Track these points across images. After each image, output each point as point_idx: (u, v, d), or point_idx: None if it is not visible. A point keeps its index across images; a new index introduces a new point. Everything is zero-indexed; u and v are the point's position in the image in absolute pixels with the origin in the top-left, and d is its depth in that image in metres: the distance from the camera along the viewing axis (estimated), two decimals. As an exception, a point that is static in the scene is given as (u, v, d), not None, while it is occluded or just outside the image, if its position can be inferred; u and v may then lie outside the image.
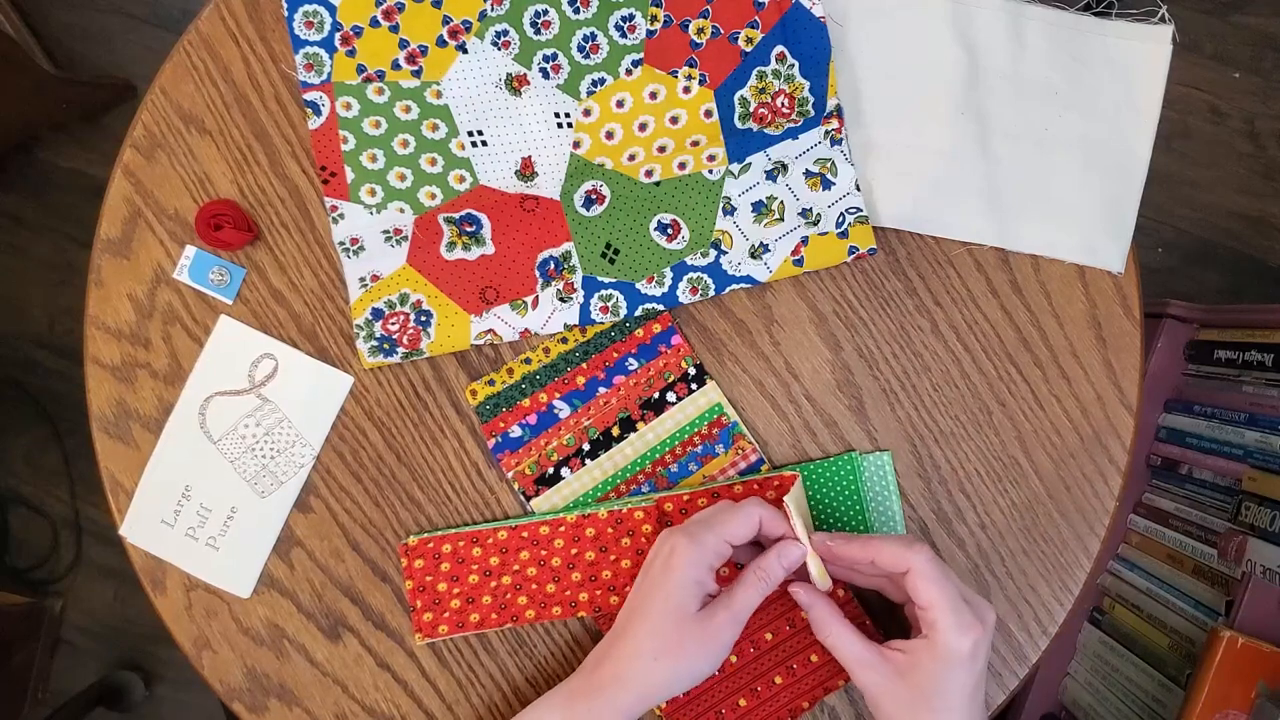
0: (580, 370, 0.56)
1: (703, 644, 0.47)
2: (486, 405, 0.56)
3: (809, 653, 0.55)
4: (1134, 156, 0.58)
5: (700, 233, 0.56)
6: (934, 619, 0.47)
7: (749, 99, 0.55)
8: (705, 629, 0.47)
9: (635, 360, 0.57)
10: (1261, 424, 0.84)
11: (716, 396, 0.57)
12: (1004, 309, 0.58)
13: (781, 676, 0.55)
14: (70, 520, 1.35)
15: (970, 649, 0.46)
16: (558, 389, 0.56)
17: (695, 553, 0.47)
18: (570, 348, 0.57)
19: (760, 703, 0.55)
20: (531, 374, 0.56)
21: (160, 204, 0.57)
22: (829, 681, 0.55)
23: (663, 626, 0.47)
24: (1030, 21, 0.57)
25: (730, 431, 0.56)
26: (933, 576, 0.47)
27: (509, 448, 0.56)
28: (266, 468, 0.56)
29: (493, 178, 0.56)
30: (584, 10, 0.54)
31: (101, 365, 0.56)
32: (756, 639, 0.55)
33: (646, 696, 0.47)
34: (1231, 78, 1.34)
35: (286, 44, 0.56)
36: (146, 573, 0.57)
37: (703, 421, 0.57)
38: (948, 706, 0.47)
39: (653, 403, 0.57)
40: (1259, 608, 0.75)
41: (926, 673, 0.47)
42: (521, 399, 0.56)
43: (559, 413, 0.56)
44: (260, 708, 0.56)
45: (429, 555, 0.55)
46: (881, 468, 0.57)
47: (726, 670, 0.55)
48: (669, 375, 0.57)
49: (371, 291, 0.55)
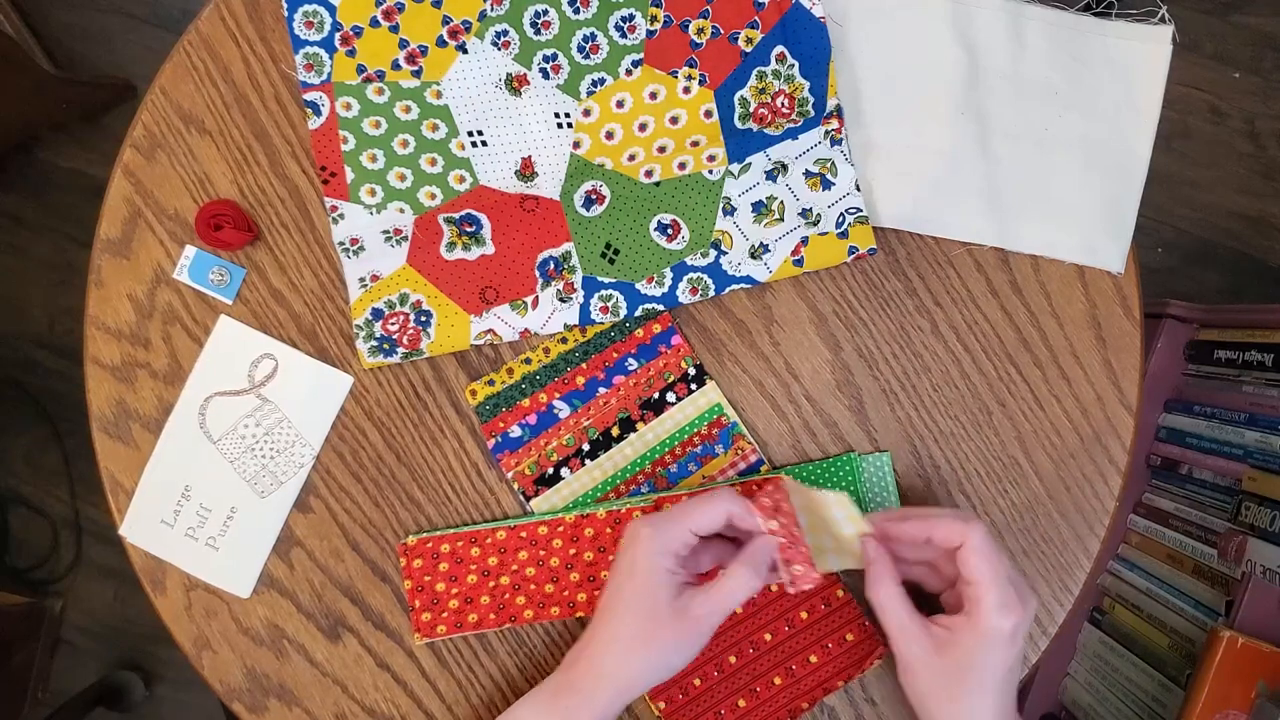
0: (580, 370, 0.56)
1: (678, 634, 0.46)
2: (486, 405, 0.56)
3: (808, 654, 0.55)
4: (1134, 156, 0.58)
5: (700, 233, 0.56)
6: (980, 595, 0.47)
7: (749, 99, 0.55)
8: (681, 619, 0.46)
9: (635, 360, 0.57)
10: (1261, 424, 0.84)
11: (716, 397, 0.57)
12: (1004, 309, 0.58)
13: (780, 677, 0.55)
14: (70, 520, 1.35)
15: (1011, 630, 0.47)
16: (557, 389, 0.56)
17: (659, 542, 0.47)
18: (570, 348, 0.57)
19: (759, 703, 0.55)
20: (531, 374, 0.56)
21: (160, 204, 0.57)
22: (828, 682, 0.55)
23: (635, 618, 0.46)
24: (1030, 21, 0.57)
25: (730, 432, 0.56)
26: (986, 552, 0.47)
27: (509, 448, 0.56)
28: (266, 468, 0.56)
29: (493, 178, 0.56)
30: (584, 10, 0.54)
31: (101, 365, 0.56)
32: (756, 640, 0.55)
33: (625, 690, 0.47)
34: (1231, 78, 1.34)
35: (286, 44, 0.56)
36: (146, 573, 0.57)
37: (702, 422, 0.56)
38: (982, 685, 0.47)
39: (652, 403, 0.57)
40: (1259, 608, 0.75)
41: (965, 649, 0.47)
42: (521, 399, 0.56)
43: (559, 413, 0.56)
44: (260, 708, 0.56)
45: (427, 555, 0.55)
46: (881, 469, 0.57)
47: (725, 671, 0.55)
48: (669, 375, 0.57)
49: (371, 291, 0.55)
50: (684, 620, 0.46)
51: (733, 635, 0.55)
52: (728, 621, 0.55)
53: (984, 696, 0.47)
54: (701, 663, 0.55)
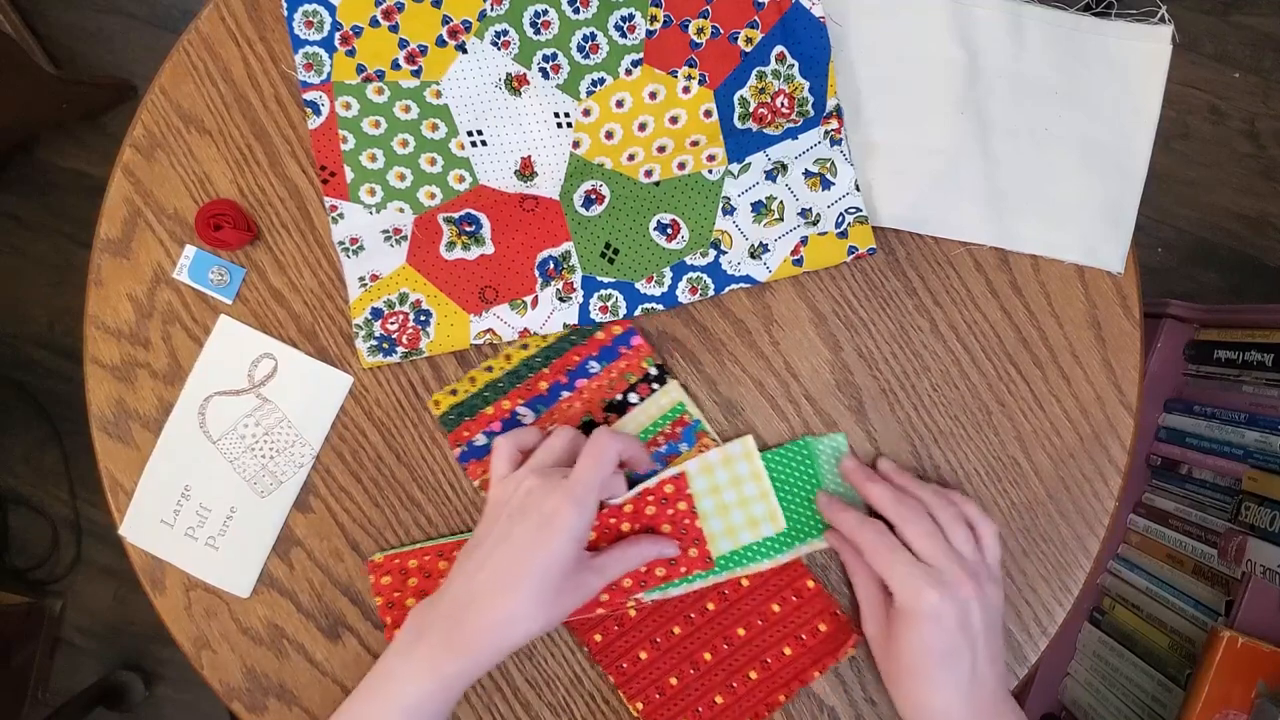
0: (542, 375, 0.56)
1: (572, 598, 0.48)
2: (450, 415, 0.56)
3: (782, 646, 0.55)
4: (1134, 156, 0.58)
5: (700, 233, 0.56)
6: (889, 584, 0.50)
7: (749, 99, 0.55)
8: (578, 586, 0.48)
9: (596, 363, 0.56)
10: (1261, 424, 0.84)
11: (678, 395, 0.57)
12: (1004, 309, 0.58)
13: (756, 671, 0.55)
14: (70, 520, 1.35)
15: (929, 610, 0.48)
16: (520, 395, 0.56)
17: (581, 529, 0.47)
18: (531, 353, 0.56)
19: (737, 699, 0.55)
20: (494, 381, 0.56)
21: (160, 204, 0.57)
22: (804, 673, 0.55)
23: (544, 588, 0.46)
24: (1030, 21, 0.57)
25: (693, 430, 0.56)
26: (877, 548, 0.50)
27: (475, 456, 0.56)
28: (266, 467, 0.56)
29: (492, 177, 0.56)
30: (584, 10, 0.54)
31: (101, 365, 0.57)
32: (729, 635, 0.55)
33: (514, 649, 0.47)
34: (1231, 78, 1.34)
35: (286, 44, 0.56)
36: (146, 573, 0.57)
37: (665, 421, 0.56)
38: (911, 667, 0.49)
39: (615, 404, 0.56)
40: (1259, 608, 0.75)
41: (896, 630, 0.50)
42: (485, 407, 0.56)
43: (523, 419, 0.56)
44: (260, 707, 0.56)
45: (395, 572, 0.55)
46: (837, 449, 0.57)
47: (701, 668, 0.55)
48: (630, 377, 0.56)
49: (371, 291, 0.55)
50: (579, 589, 0.48)
51: (706, 632, 0.55)
52: (701, 619, 0.55)
53: (922, 676, 0.49)
54: (677, 661, 0.55)
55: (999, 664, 0.51)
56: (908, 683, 0.50)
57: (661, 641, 0.55)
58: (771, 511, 0.54)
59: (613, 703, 0.56)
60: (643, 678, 0.55)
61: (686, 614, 0.56)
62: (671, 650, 0.55)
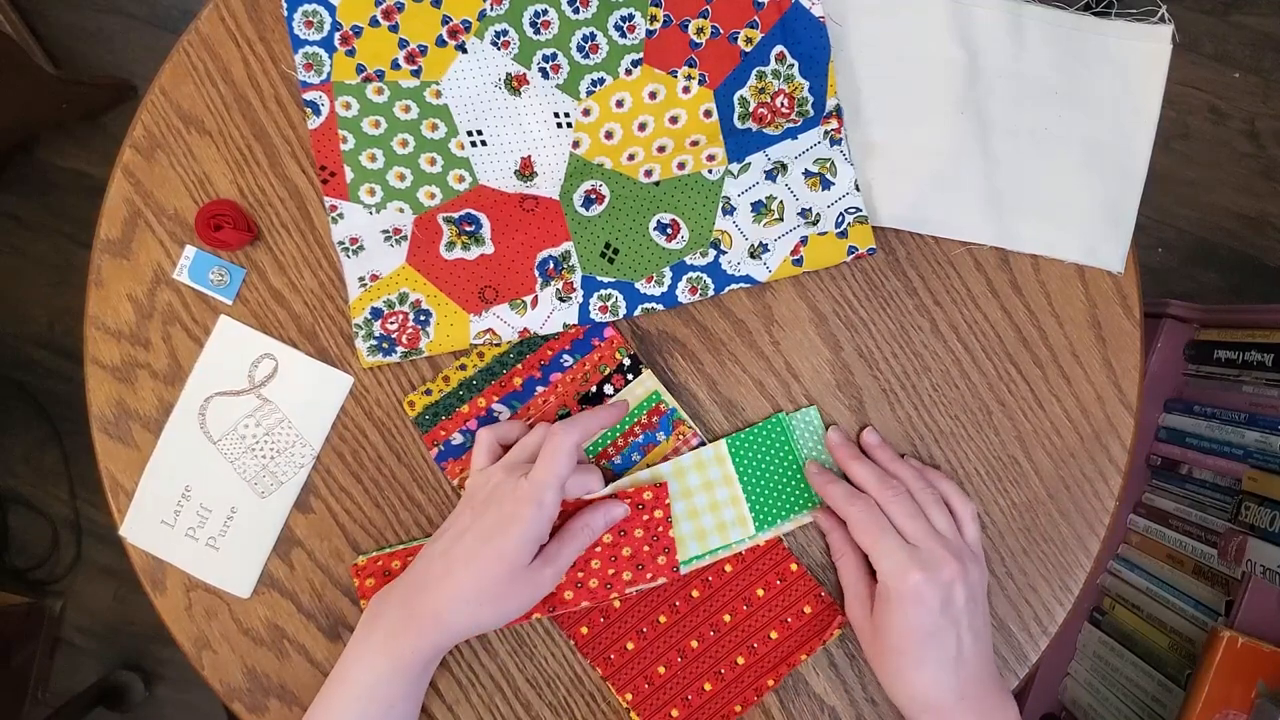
0: (516, 371, 0.56)
1: (527, 591, 0.49)
2: (425, 415, 0.56)
3: (768, 630, 0.55)
4: (1134, 156, 0.58)
5: (700, 232, 0.56)
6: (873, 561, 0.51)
7: (748, 99, 0.55)
8: (532, 579, 0.49)
9: (570, 356, 0.56)
10: (1261, 424, 0.84)
11: (653, 384, 0.57)
12: (1004, 309, 0.58)
13: (744, 656, 0.55)
14: (70, 520, 1.35)
15: (911, 590, 0.49)
16: (495, 392, 0.56)
17: (542, 526, 0.48)
18: (505, 350, 0.56)
19: (725, 684, 0.55)
20: (468, 379, 0.56)
21: (160, 204, 0.57)
22: (791, 656, 0.55)
23: (495, 580, 0.48)
24: (1030, 21, 0.57)
25: (670, 418, 0.56)
26: (865, 525, 0.51)
27: (452, 455, 0.56)
28: (266, 468, 0.56)
29: (492, 177, 0.56)
30: (583, 10, 0.54)
31: (101, 365, 0.57)
32: (715, 622, 0.56)
33: (464, 634, 0.50)
34: (1231, 78, 1.34)
35: (286, 44, 0.56)
36: (146, 573, 0.57)
37: (642, 410, 0.57)
38: (896, 647, 0.50)
39: (591, 397, 0.56)
40: (1259, 608, 0.75)
41: (881, 611, 0.51)
42: (460, 405, 0.56)
43: (499, 415, 0.56)
44: (260, 708, 0.56)
45: (379, 574, 0.55)
46: (810, 423, 0.57)
47: (689, 656, 0.55)
48: (604, 368, 0.57)
49: (370, 291, 0.55)
50: (534, 582, 0.49)
51: (692, 620, 0.56)
52: (686, 606, 0.56)
53: (901, 658, 0.50)
54: (664, 650, 0.55)
55: (984, 642, 0.51)
56: (894, 662, 0.50)
57: (648, 631, 0.56)
58: (741, 517, 0.55)
59: (613, 702, 0.56)
60: (631, 668, 0.55)
61: (671, 602, 0.56)
62: (658, 639, 0.55)
